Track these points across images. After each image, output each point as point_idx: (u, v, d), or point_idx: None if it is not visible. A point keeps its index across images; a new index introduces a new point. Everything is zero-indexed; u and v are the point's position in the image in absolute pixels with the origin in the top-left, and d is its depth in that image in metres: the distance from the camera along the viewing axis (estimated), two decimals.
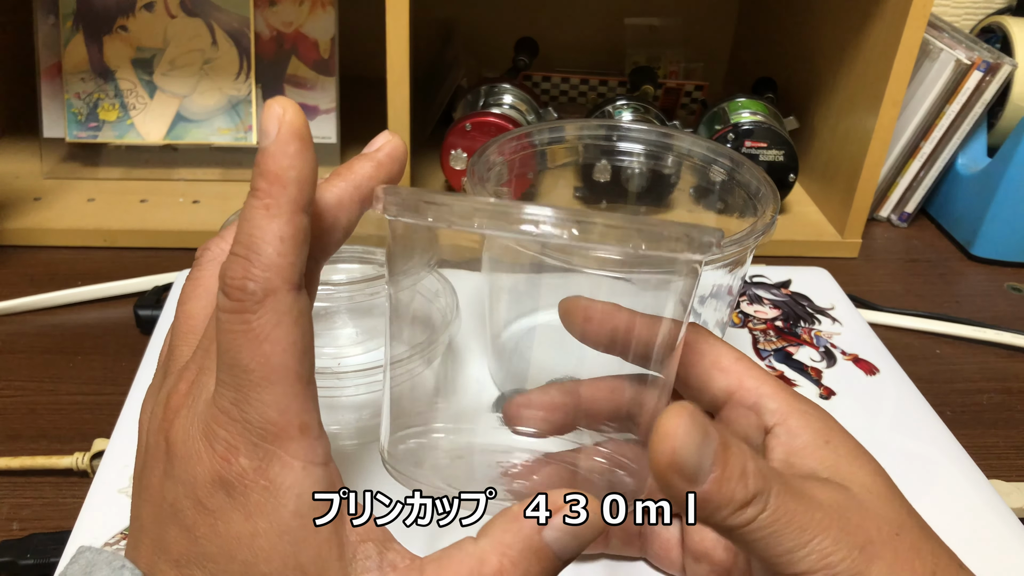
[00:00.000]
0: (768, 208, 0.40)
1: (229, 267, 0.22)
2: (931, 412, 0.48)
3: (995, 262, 0.72)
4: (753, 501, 0.23)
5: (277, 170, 0.22)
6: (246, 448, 0.22)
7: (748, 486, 0.23)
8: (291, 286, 0.22)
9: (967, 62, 0.70)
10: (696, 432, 0.22)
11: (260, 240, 0.22)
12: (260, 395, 0.22)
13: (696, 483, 0.22)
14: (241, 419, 0.22)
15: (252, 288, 0.22)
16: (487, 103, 0.73)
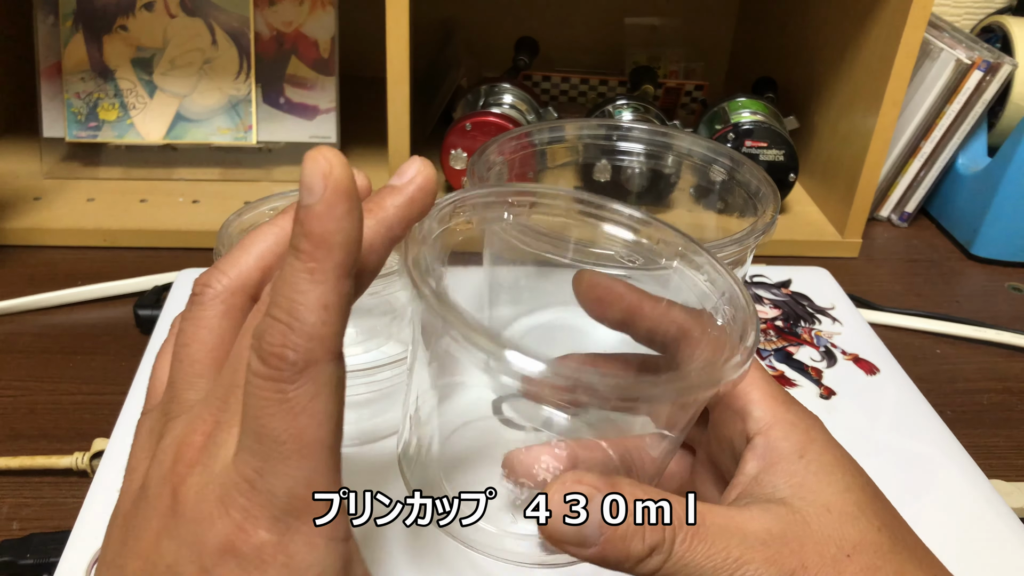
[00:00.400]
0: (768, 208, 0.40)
1: (268, 332, 0.21)
2: (931, 412, 0.48)
3: (995, 262, 0.72)
4: (653, 553, 0.24)
5: (323, 233, 0.21)
6: (267, 521, 0.21)
7: (645, 540, 0.24)
8: (332, 356, 0.21)
9: (967, 62, 0.70)
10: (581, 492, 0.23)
11: (303, 307, 0.21)
12: (289, 468, 0.21)
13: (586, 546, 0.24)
14: (265, 490, 0.21)
15: (293, 358, 0.21)
16: (487, 103, 0.73)
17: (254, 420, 0.21)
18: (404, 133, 0.65)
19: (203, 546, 0.21)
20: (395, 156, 0.66)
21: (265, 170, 0.73)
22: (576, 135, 0.47)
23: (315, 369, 0.21)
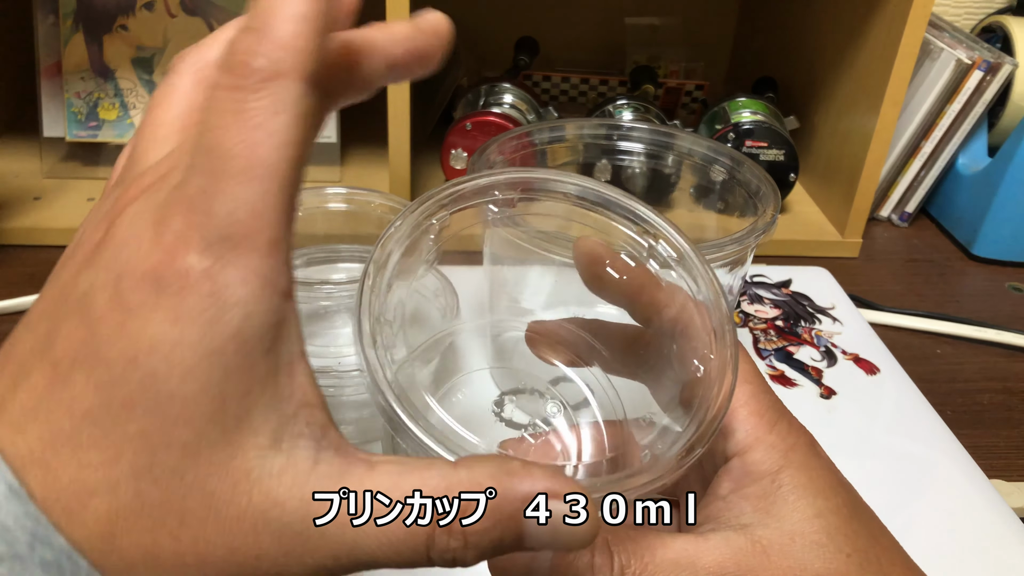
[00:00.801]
0: (769, 207, 0.40)
1: (238, 41, 0.19)
2: (932, 412, 0.48)
3: (996, 262, 0.72)
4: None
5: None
6: (199, 244, 0.18)
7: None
8: (302, 76, 0.19)
9: (968, 62, 0.70)
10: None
11: (279, 17, 0.19)
12: (234, 188, 0.18)
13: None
14: (204, 210, 0.18)
15: (258, 65, 0.19)
16: (487, 102, 0.73)
17: (208, 134, 0.19)
18: (404, 133, 0.65)
19: (123, 270, 0.19)
20: (395, 156, 0.66)
21: None
22: (576, 135, 0.47)
23: (281, 83, 0.19)
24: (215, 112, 0.19)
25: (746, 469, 0.26)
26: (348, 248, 0.49)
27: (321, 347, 0.46)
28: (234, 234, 0.18)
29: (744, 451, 0.26)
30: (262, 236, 0.19)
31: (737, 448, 0.27)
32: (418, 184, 0.73)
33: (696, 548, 0.24)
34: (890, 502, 0.41)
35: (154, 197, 0.19)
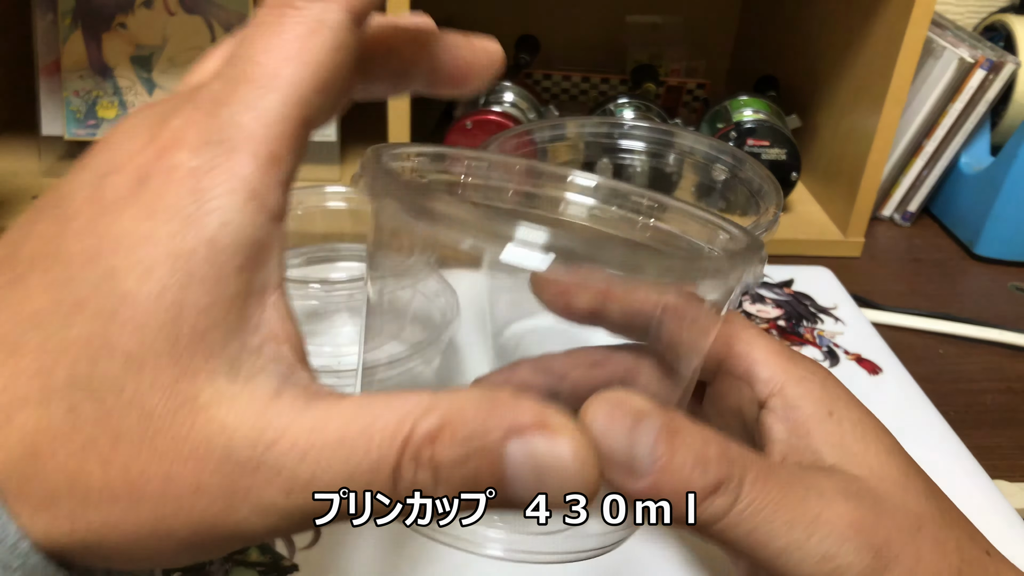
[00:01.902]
0: (771, 206, 0.40)
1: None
2: (934, 412, 0.47)
3: (998, 261, 0.72)
4: (719, 490, 0.20)
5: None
6: (195, 142, 0.17)
7: (708, 473, 0.20)
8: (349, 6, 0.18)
9: (970, 60, 0.70)
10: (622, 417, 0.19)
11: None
12: (249, 93, 0.17)
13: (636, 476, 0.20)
14: (211, 108, 0.17)
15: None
16: (488, 101, 0.73)
17: (241, 43, 0.18)
18: (405, 132, 0.65)
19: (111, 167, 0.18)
20: None
21: None
22: (577, 133, 0.47)
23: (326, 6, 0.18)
24: (255, 24, 0.18)
25: (791, 405, 0.24)
26: (348, 247, 0.49)
27: (321, 346, 0.46)
28: (233, 138, 0.17)
29: (778, 390, 0.24)
30: (263, 148, 0.17)
31: (769, 388, 0.25)
32: None
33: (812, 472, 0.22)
34: None
35: (170, 101, 0.18)
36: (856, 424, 0.24)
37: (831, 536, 0.20)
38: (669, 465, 0.20)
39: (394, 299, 0.31)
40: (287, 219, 0.19)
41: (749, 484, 0.20)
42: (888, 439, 0.24)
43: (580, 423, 0.19)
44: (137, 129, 0.18)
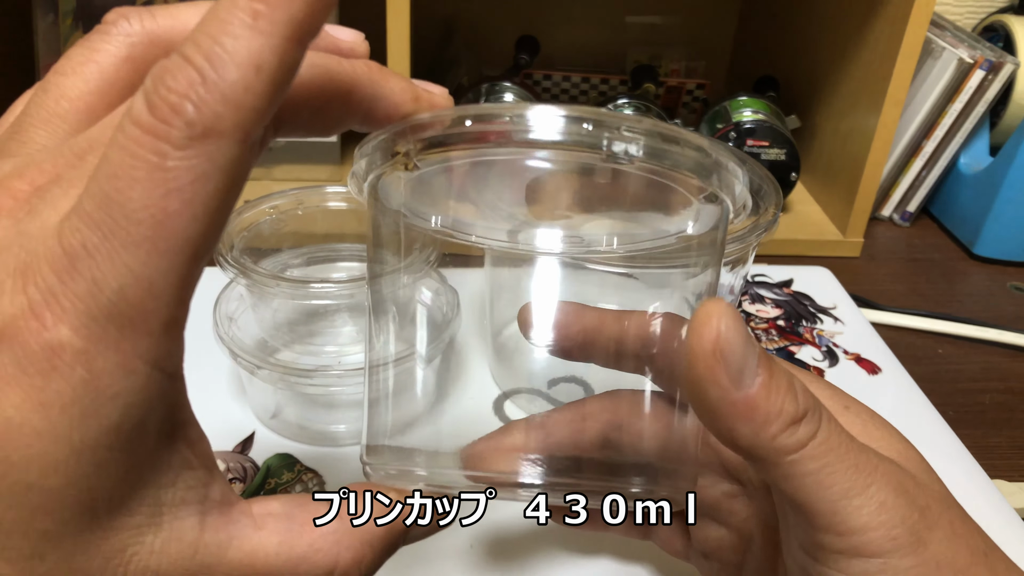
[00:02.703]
0: (770, 206, 0.40)
1: (170, 73, 0.15)
2: (933, 412, 0.47)
3: (998, 261, 0.72)
4: (805, 419, 0.20)
5: None
6: (77, 317, 0.15)
7: (799, 400, 0.20)
8: (244, 136, 0.15)
9: (969, 61, 0.70)
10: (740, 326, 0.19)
11: (228, 57, 0.15)
12: (132, 258, 0.15)
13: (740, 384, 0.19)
14: (89, 276, 0.15)
15: (191, 116, 0.15)
16: (488, 101, 0.73)
17: (108, 180, 0.15)
18: None
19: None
20: None
21: (265, 169, 0.73)
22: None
23: (215, 143, 0.15)
24: (126, 155, 0.15)
25: None
26: (348, 247, 0.49)
27: (321, 346, 0.46)
28: (122, 312, 0.15)
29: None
30: (157, 318, 0.16)
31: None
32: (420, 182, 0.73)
33: None
34: None
35: (25, 228, 0.16)
36: (871, 418, 0.24)
37: (887, 488, 0.20)
38: (770, 382, 0.20)
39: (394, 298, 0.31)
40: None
41: (826, 421, 0.20)
42: (901, 434, 0.24)
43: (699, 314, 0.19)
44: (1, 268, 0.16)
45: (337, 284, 0.40)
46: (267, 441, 0.42)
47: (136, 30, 0.19)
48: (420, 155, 0.22)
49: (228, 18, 0.15)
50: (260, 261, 0.44)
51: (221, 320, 0.42)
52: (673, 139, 0.21)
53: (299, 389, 0.40)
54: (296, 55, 0.16)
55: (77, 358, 0.15)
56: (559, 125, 0.20)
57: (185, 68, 0.15)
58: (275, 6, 0.15)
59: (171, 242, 0.15)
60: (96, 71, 0.19)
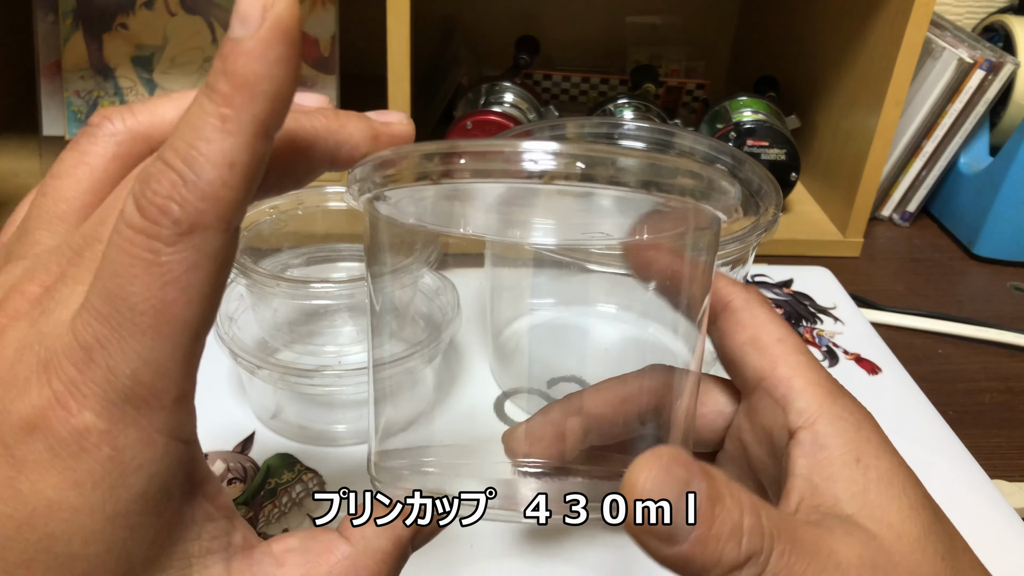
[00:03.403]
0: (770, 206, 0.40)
1: (154, 178, 0.17)
2: (933, 412, 0.47)
3: (997, 261, 0.72)
4: (747, 563, 0.20)
5: (248, 75, 0.17)
6: (98, 402, 0.17)
7: (741, 546, 0.20)
8: (225, 226, 0.18)
9: (969, 61, 0.70)
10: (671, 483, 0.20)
11: (204, 158, 0.17)
12: (140, 345, 0.17)
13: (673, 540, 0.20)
14: (105, 365, 0.17)
15: (177, 215, 0.17)
16: (488, 101, 0.73)
17: (111, 278, 0.17)
18: None
19: (7, 415, 0.17)
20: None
21: None
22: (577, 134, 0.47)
23: (201, 236, 0.17)
24: (124, 254, 0.17)
25: (819, 443, 0.24)
26: (348, 247, 0.49)
27: (322, 346, 0.46)
28: (137, 394, 0.17)
29: (810, 423, 0.24)
30: (168, 394, 0.18)
31: (802, 420, 0.24)
32: None
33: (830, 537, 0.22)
34: None
35: (39, 327, 0.18)
36: (883, 474, 0.23)
37: None
38: (706, 535, 0.20)
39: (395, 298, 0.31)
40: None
41: (776, 557, 0.21)
42: (915, 493, 0.24)
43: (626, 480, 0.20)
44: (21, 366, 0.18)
45: (337, 284, 0.40)
46: (267, 441, 0.42)
47: (120, 129, 0.21)
48: (395, 186, 0.22)
49: (200, 124, 0.17)
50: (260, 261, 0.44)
51: (221, 320, 0.42)
52: (670, 170, 0.21)
53: (299, 389, 0.40)
54: (264, 148, 0.18)
55: (102, 438, 0.17)
56: (551, 165, 0.20)
57: (167, 172, 0.17)
58: (240, 108, 0.17)
59: (173, 327, 0.17)
60: (88, 172, 0.21)
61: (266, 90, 0.17)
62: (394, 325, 0.45)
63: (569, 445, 0.27)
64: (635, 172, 0.20)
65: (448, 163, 0.21)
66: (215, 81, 0.17)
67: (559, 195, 0.23)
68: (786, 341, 0.26)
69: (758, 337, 0.26)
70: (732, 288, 0.27)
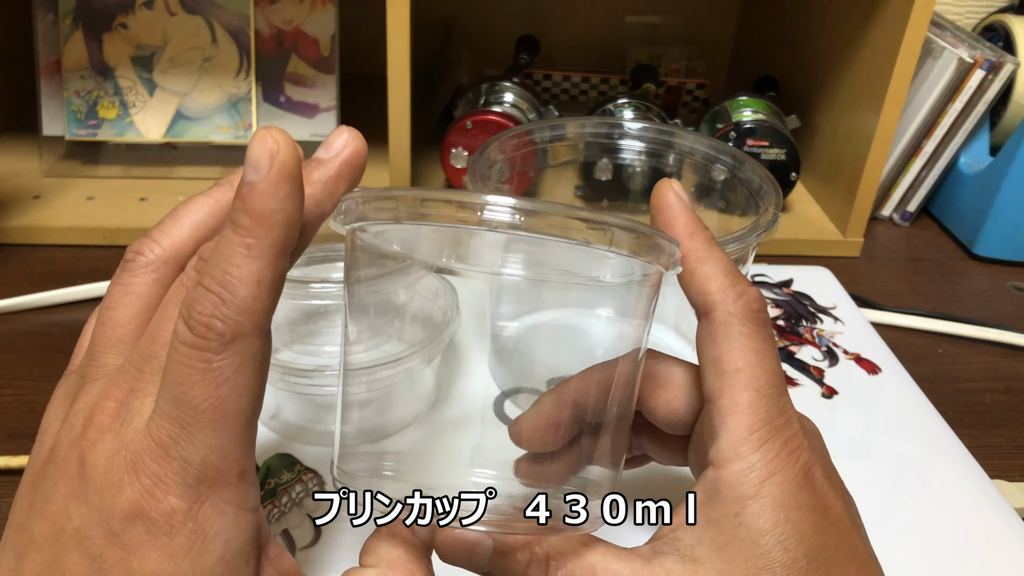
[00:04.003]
0: (770, 206, 0.40)
1: (199, 301, 0.21)
2: (933, 412, 0.47)
3: (997, 261, 0.72)
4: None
5: (264, 211, 0.21)
6: (179, 487, 0.21)
7: None
8: (260, 331, 0.22)
9: (969, 61, 0.70)
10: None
11: (237, 281, 0.21)
12: (206, 437, 0.21)
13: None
14: (179, 457, 0.21)
15: (221, 329, 0.21)
16: (488, 101, 0.73)
17: (175, 387, 0.21)
18: (405, 131, 0.65)
19: (111, 511, 0.21)
20: (396, 155, 0.66)
21: None
22: (577, 133, 0.47)
23: (242, 342, 0.21)
24: (182, 366, 0.21)
25: (716, 486, 0.24)
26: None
27: (320, 346, 0.46)
28: (208, 476, 0.22)
29: (721, 464, 0.24)
30: (232, 472, 0.22)
31: (715, 458, 0.25)
32: (418, 183, 0.73)
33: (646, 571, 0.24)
34: (891, 502, 0.41)
35: (122, 436, 0.22)
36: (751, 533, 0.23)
37: None
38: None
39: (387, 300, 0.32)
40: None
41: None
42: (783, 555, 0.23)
43: None
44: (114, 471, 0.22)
45: (336, 284, 0.40)
46: (267, 441, 0.42)
47: (151, 259, 0.26)
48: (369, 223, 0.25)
49: (230, 253, 0.21)
50: None
51: None
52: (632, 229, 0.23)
53: (299, 389, 0.40)
54: (284, 265, 0.22)
55: (186, 516, 0.22)
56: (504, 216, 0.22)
57: (208, 296, 0.21)
58: (261, 237, 0.21)
59: (229, 418, 0.22)
60: (134, 300, 0.25)
61: (280, 220, 0.22)
62: (393, 327, 0.45)
63: (562, 434, 0.28)
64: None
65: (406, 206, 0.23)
66: (238, 217, 0.22)
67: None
68: (743, 372, 0.25)
69: (720, 359, 0.25)
70: (722, 295, 0.26)
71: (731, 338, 0.25)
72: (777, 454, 0.24)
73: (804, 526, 0.24)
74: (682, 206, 0.28)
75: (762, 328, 0.26)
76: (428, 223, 0.23)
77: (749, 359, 0.25)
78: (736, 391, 0.25)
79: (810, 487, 0.24)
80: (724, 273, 0.26)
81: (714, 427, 0.25)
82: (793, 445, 0.25)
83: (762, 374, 0.25)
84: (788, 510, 0.24)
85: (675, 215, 0.27)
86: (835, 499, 0.25)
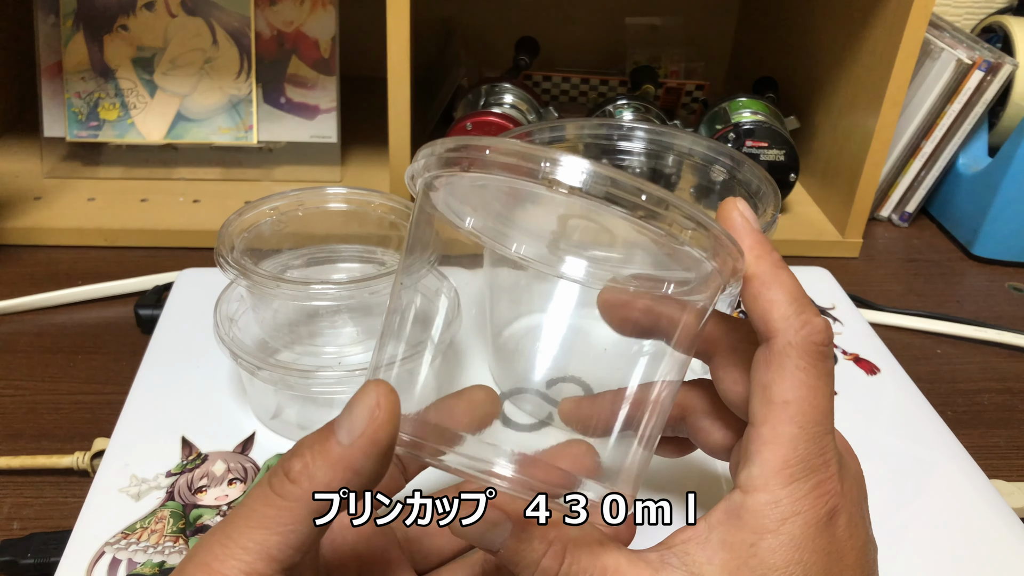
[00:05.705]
0: (769, 207, 0.40)
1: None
2: (932, 412, 0.48)
3: (996, 262, 0.72)
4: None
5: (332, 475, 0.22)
6: None
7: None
8: None
9: (968, 62, 0.70)
10: None
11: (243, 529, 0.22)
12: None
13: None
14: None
15: None
16: (488, 103, 0.73)
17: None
18: (405, 133, 0.65)
19: None
20: (395, 156, 0.66)
21: (266, 170, 0.73)
22: (577, 135, 0.47)
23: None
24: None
25: (739, 512, 0.24)
26: (348, 248, 0.49)
27: (321, 347, 0.46)
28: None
29: (748, 491, 0.24)
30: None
31: (745, 483, 0.25)
32: None
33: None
34: (890, 502, 0.41)
35: None
36: (762, 569, 0.24)
37: None
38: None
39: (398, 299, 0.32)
40: None
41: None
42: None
43: None
44: None
45: (337, 285, 0.40)
46: (268, 441, 0.42)
47: None
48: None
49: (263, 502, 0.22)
50: (261, 262, 0.44)
51: (222, 321, 0.42)
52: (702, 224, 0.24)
53: (299, 390, 0.40)
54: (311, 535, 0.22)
55: None
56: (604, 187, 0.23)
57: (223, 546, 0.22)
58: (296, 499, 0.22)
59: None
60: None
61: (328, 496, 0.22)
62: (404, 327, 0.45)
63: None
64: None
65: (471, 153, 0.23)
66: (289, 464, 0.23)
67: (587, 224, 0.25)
68: (791, 406, 0.25)
69: (770, 387, 0.25)
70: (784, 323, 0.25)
71: (786, 369, 0.25)
72: (806, 495, 0.24)
73: (814, 570, 0.24)
74: (748, 227, 0.27)
75: (820, 363, 0.25)
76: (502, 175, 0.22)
77: (800, 394, 0.25)
78: (780, 423, 0.25)
79: (830, 532, 0.24)
80: (789, 300, 0.25)
81: (750, 452, 0.25)
82: (824, 488, 0.24)
83: (810, 411, 0.25)
84: (804, 552, 0.24)
85: (741, 237, 0.26)
86: (852, 548, 0.25)
